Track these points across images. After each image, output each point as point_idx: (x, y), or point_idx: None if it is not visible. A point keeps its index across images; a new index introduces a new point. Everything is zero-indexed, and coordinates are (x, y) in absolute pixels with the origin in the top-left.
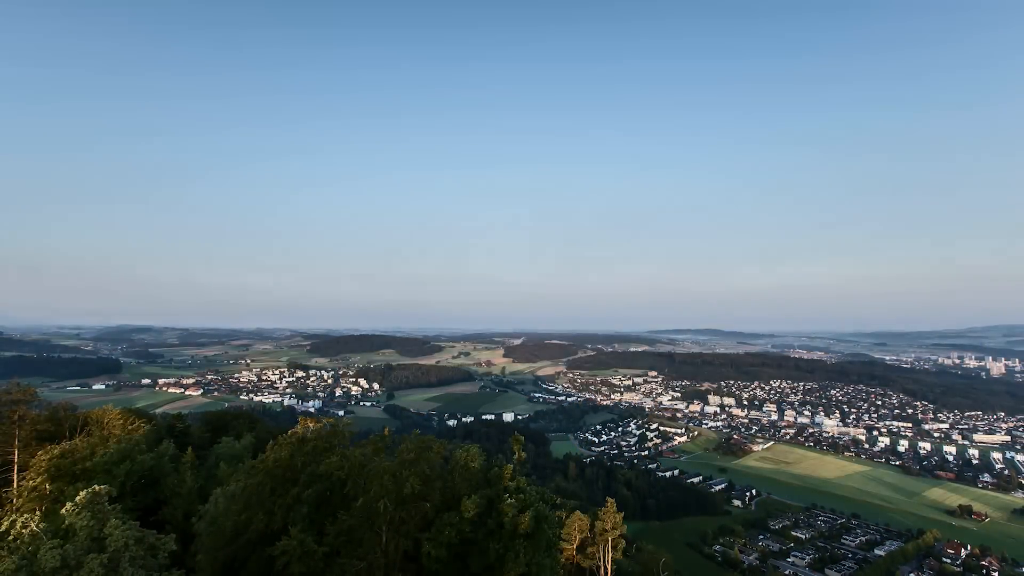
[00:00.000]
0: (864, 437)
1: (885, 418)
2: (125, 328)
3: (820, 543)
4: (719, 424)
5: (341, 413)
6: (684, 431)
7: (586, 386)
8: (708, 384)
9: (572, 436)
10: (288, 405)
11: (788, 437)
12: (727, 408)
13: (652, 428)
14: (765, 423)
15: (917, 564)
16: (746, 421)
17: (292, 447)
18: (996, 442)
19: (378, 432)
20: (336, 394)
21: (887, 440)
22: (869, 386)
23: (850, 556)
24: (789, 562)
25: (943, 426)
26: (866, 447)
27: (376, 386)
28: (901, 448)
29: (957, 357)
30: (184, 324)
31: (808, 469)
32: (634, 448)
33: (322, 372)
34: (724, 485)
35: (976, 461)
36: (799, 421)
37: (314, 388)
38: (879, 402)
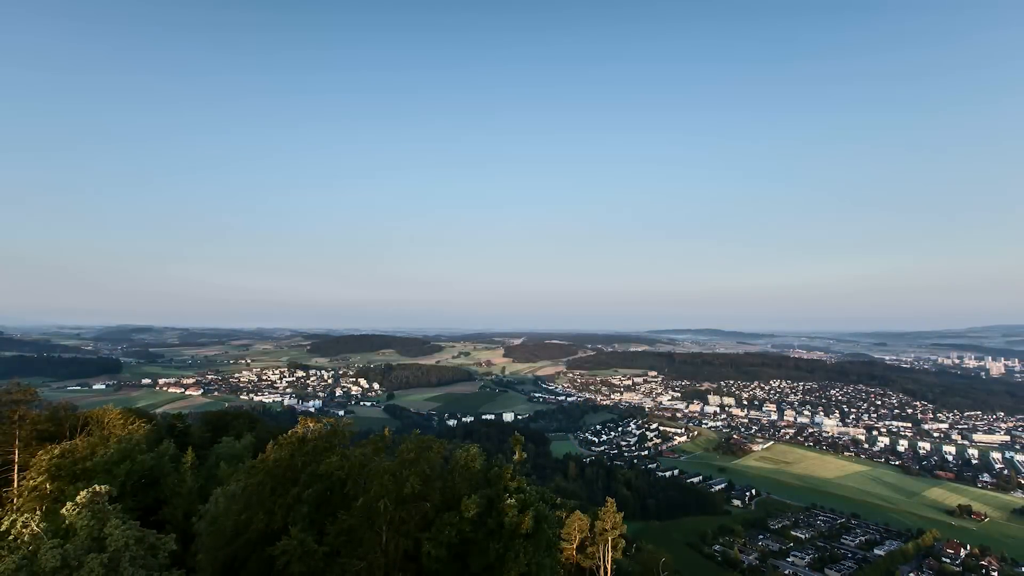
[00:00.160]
0: (864, 437)
1: (885, 418)
2: (125, 328)
3: (820, 543)
4: (719, 424)
5: (341, 413)
6: (684, 431)
7: (586, 386)
8: (708, 384)
9: (572, 436)
10: (288, 405)
11: (788, 437)
12: (727, 408)
13: (652, 428)
14: (765, 423)
15: (917, 564)
16: (746, 421)
17: (292, 447)
18: (995, 442)
19: (378, 432)
20: (336, 394)
21: (887, 440)
22: (869, 386)
23: (850, 556)
24: (789, 562)
25: (943, 426)
26: (866, 447)
27: (376, 386)
28: (901, 448)
29: (957, 357)
30: (184, 324)
31: (808, 469)
32: (634, 448)
33: (322, 372)
34: (724, 485)
35: (975, 461)
36: (799, 421)
37: (314, 388)
38: (879, 402)
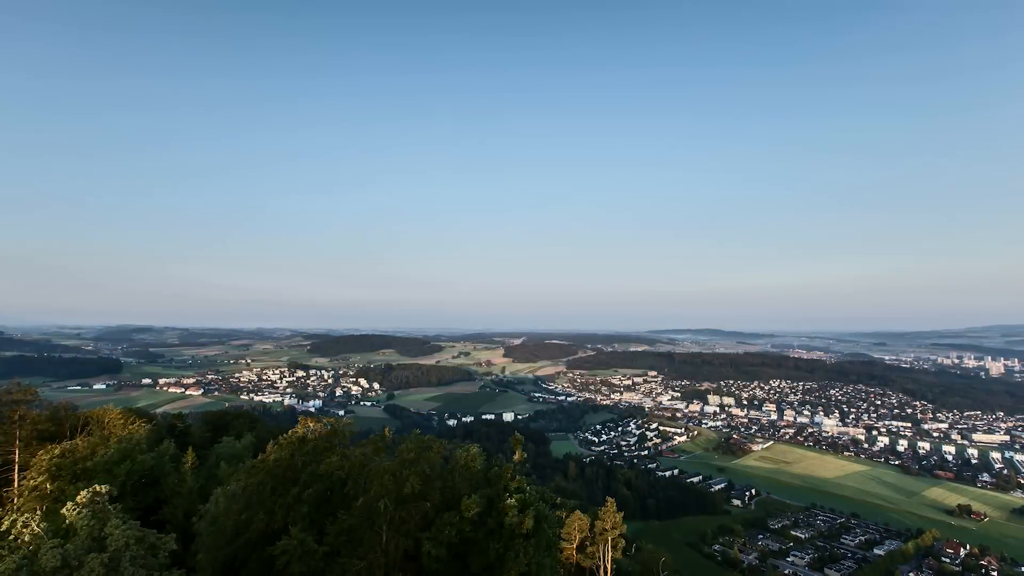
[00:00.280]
0: (863, 437)
1: (884, 418)
2: (126, 328)
3: (819, 543)
4: (719, 424)
5: (341, 413)
6: (684, 431)
7: (586, 386)
8: (708, 384)
9: (572, 436)
10: (288, 405)
11: (787, 437)
12: (727, 408)
13: (652, 428)
14: (764, 423)
15: (916, 563)
16: (745, 421)
17: (292, 447)
18: (995, 442)
19: (378, 432)
20: (336, 394)
21: (886, 440)
22: (868, 386)
23: (849, 556)
24: (789, 561)
25: (942, 426)
26: (865, 447)
27: (376, 386)
28: (900, 448)
29: (956, 357)
30: (184, 324)
31: (807, 469)
32: (634, 448)
33: (322, 372)
34: (724, 485)
35: (975, 461)
36: (798, 421)
37: (314, 388)
38: (878, 402)
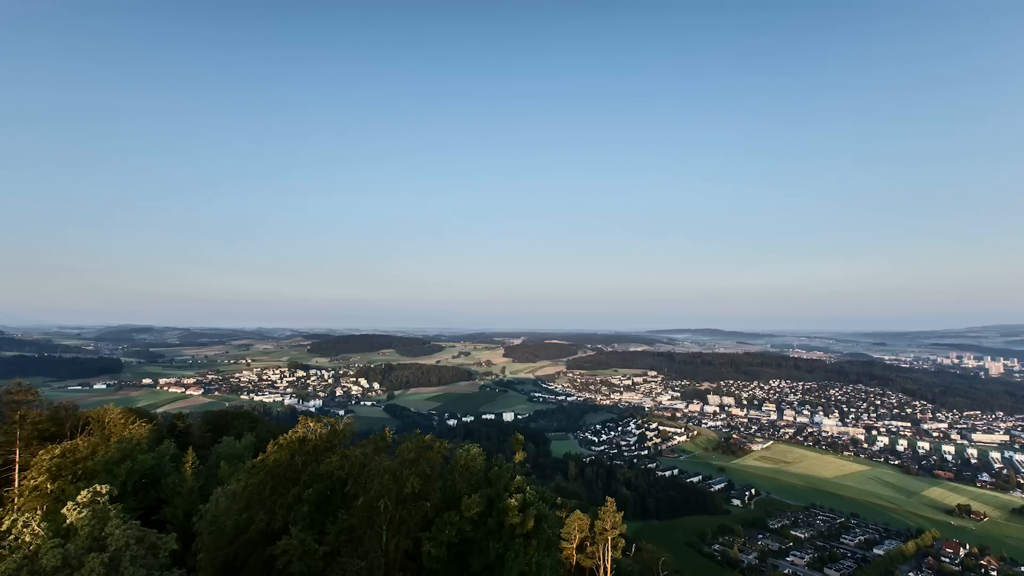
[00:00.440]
0: (863, 437)
1: (884, 418)
2: (126, 328)
3: (819, 542)
4: (718, 424)
5: (341, 413)
6: (684, 431)
7: (586, 386)
8: (708, 384)
9: (572, 436)
10: (289, 405)
11: (787, 437)
12: (726, 408)
13: (652, 428)
14: (764, 423)
15: (916, 563)
16: (745, 421)
17: (293, 447)
18: (995, 441)
19: (378, 432)
20: (336, 394)
21: (886, 440)
22: (868, 386)
23: (849, 555)
24: (788, 561)
25: (942, 425)
26: (865, 447)
27: (376, 386)
28: (900, 447)
29: (956, 357)
30: (185, 324)
31: (807, 469)
32: (634, 448)
33: (323, 372)
34: (723, 484)
35: (975, 460)
36: (798, 421)
37: (315, 388)
38: (878, 402)
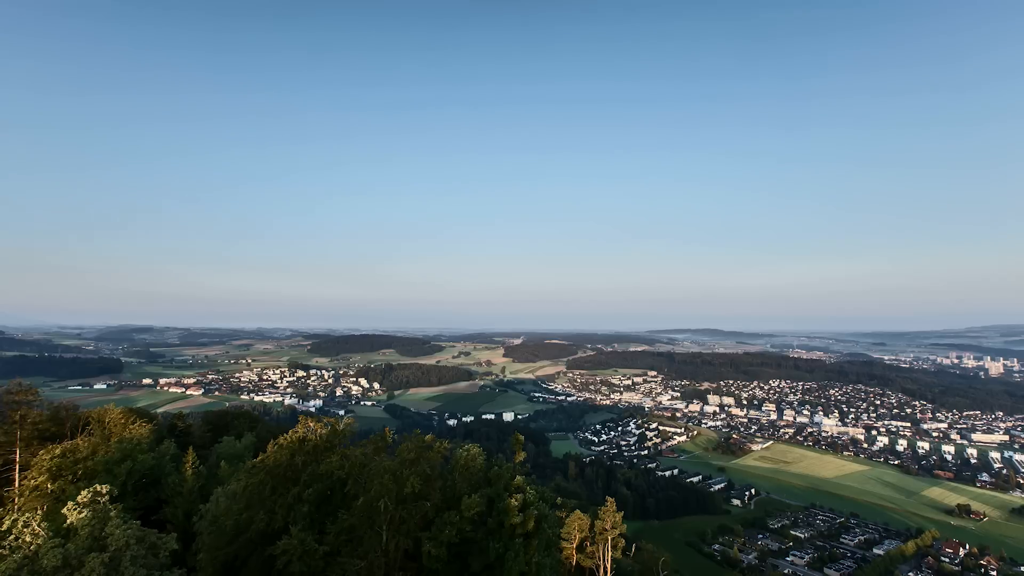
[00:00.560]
0: (863, 436)
1: (884, 417)
2: (126, 328)
3: (819, 542)
4: (718, 424)
5: (342, 413)
6: (683, 431)
7: (586, 386)
8: (707, 384)
9: (572, 435)
10: (289, 405)
11: (787, 437)
12: (726, 408)
13: (652, 428)
14: (764, 423)
15: (916, 563)
16: (745, 421)
17: (293, 447)
18: (994, 441)
19: (379, 432)
20: (337, 394)
21: (886, 439)
22: (868, 386)
23: (849, 555)
24: (788, 561)
25: (942, 425)
26: (865, 446)
27: (376, 386)
28: (900, 447)
29: (956, 357)
30: (185, 324)
31: (807, 468)
32: (634, 447)
33: (323, 372)
34: (723, 484)
35: (974, 460)
36: (798, 421)
37: (315, 388)
38: (878, 402)
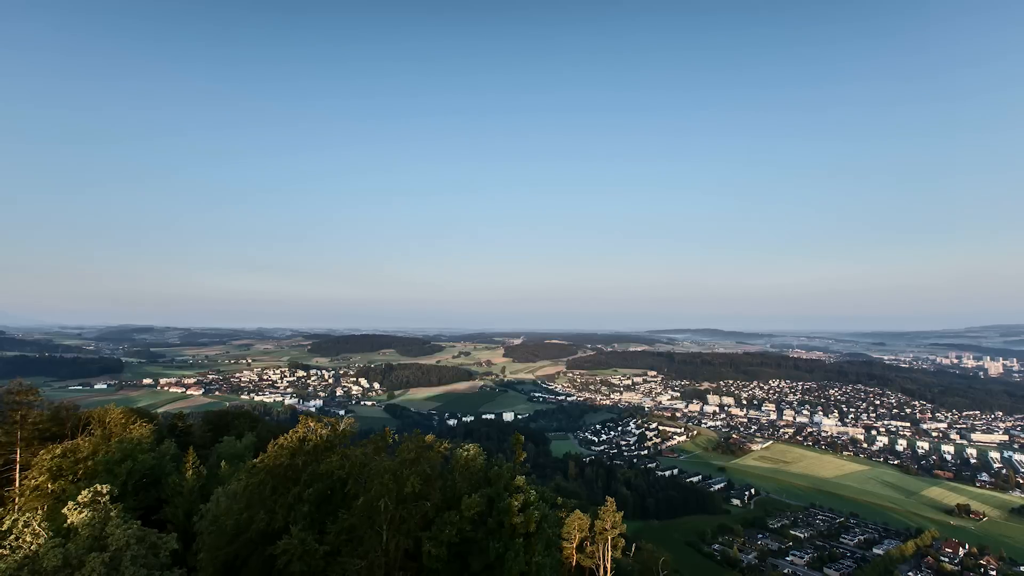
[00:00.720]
0: (862, 436)
1: (883, 417)
2: (127, 328)
3: (819, 542)
4: (718, 423)
5: (342, 413)
6: (683, 430)
7: (586, 386)
8: (707, 384)
9: (572, 435)
10: (289, 405)
11: (787, 436)
12: (726, 408)
13: (651, 427)
14: (764, 422)
15: (915, 563)
16: (745, 421)
17: (293, 446)
18: (994, 441)
19: (379, 432)
20: (337, 394)
21: (885, 439)
22: (867, 386)
23: (849, 555)
24: (788, 561)
25: (941, 425)
26: (864, 446)
27: (377, 386)
28: (899, 447)
29: (955, 357)
30: (185, 324)
31: (807, 468)
32: (633, 447)
33: (323, 372)
34: (723, 484)
35: (974, 460)
36: (798, 420)
37: (315, 388)
38: (877, 401)
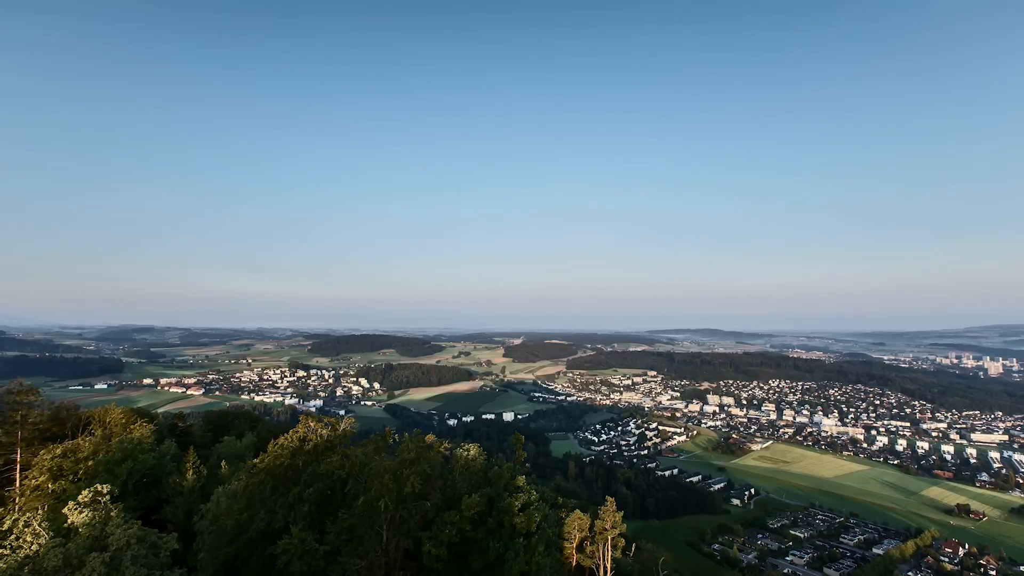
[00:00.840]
0: (862, 436)
1: (883, 417)
2: (127, 328)
3: (819, 542)
4: (718, 423)
5: (342, 413)
6: (683, 430)
7: (586, 386)
8: (707, 384)
9: (572, 435)
10: (289, 405)
11: (787, 436)
12: (726, 408)
13: (651, 427)
14: (764, 422)
15: (915, 563)
16: (745, 420)
17: (293, 446)
18: (994, 441)
19: (379, 432)
20: (337, 394)
21: (885, 439)
22: (867, 386)
23: (848, 555)
24: (788, 561)
25: (941, 425)
26: (864, 446)
27: (377, 386)
28: (899, 447)
29: (955, 357)
30: (186, 324)
31: (807, 468)
32: (633, 447)
33: (323, 372)
34: (723, 484)
35: (974, 460)
36: (798, 420)
37: (315, 388)
38: (877, 401)
